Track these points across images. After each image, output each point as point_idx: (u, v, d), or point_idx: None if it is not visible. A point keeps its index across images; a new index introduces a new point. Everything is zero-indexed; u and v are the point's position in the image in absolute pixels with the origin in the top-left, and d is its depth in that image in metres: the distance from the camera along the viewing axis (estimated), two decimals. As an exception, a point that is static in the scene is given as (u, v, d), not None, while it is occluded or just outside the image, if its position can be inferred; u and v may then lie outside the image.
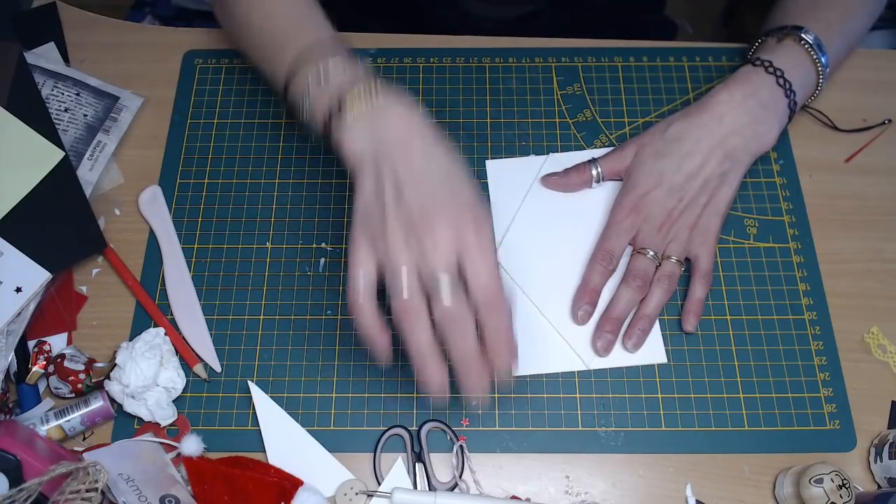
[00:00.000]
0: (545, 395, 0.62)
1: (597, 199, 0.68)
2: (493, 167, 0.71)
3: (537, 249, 0.66)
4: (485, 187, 0.70)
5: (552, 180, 0.68)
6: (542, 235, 0.67)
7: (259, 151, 0.72)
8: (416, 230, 0.48)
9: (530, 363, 0.62)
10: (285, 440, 0.59)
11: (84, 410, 0.59)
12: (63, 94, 0.72)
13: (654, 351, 0.63)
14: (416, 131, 0.52)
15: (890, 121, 0.72)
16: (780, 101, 0.64)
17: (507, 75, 0.76)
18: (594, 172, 0.67)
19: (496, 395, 0.62)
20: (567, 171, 0.68)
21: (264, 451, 0.59)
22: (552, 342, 0.63)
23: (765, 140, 0.64)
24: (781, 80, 0.64)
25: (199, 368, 0.62)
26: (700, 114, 0.64)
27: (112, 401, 0.60)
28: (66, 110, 0.71)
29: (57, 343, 0.63)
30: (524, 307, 0.64)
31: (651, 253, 0.62)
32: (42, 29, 0.77)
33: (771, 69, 0.64)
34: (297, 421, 0.60)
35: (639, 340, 0.62)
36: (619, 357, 0.62)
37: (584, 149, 0.71)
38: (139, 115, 0.73)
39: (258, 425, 0.60)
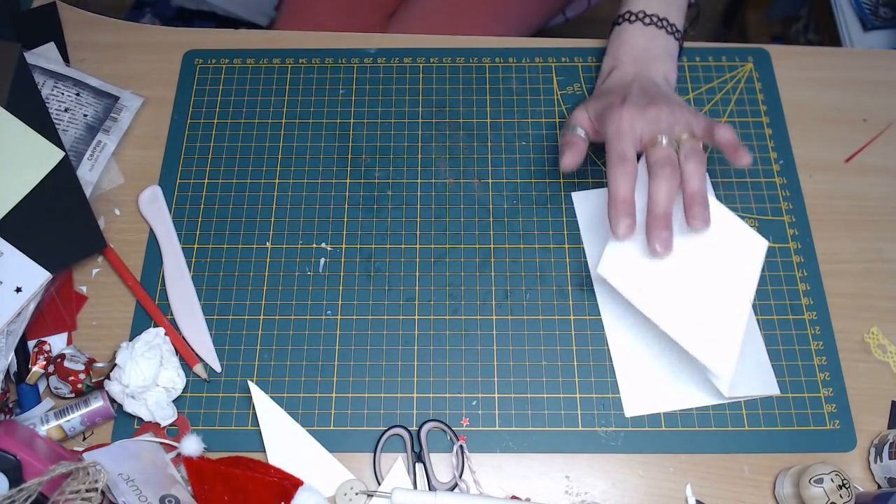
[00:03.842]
0: (545, 395, 0.62)
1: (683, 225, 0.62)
2: (580, 199, 0.69)
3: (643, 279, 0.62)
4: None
5: (568, 161, 0.63)
6: (646, 264, 0.61)
7: (259, 151, 0.72)
8: None
9: (661, 401, 0.61)
10: (285, 440, 0.59)
11: (84, 410, 0.59)
12: (63, 94, 0.71)
13: (767, 382, 0.62)
14: None
15: None
16: (658, 37, 0.67)
17: (507, 75, 0.76)
18: (581, 133, 0.64)
19: (496, 396, 0.62)
20: (564, 150, 0.64)
21: (264, 451, 0.59)
22: (678, 378, 0.62)
23: (664, 72, 0.66)
24: (647, 19, 0.66)
25: (199, 368, 0.62)
26: (611, 75, 0.67)
27: (112, 401, 0.60)
28: (66, 110, 0.71)
29: (57, 343, 0.63)
30: (634, 343, 0.63)
31: (664, 139, 0.59)
32: (42, 29, 0.76)
33: (632, 18, 0.66)
34: (297, 421, 0.60)
35: (703, 216, 0.57)
36: (741, 388, 0.60)
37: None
38: (139, 115, 0.73)
39: (258, 425, 0.60)
